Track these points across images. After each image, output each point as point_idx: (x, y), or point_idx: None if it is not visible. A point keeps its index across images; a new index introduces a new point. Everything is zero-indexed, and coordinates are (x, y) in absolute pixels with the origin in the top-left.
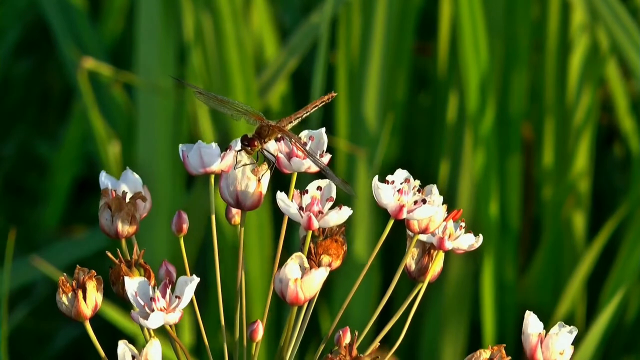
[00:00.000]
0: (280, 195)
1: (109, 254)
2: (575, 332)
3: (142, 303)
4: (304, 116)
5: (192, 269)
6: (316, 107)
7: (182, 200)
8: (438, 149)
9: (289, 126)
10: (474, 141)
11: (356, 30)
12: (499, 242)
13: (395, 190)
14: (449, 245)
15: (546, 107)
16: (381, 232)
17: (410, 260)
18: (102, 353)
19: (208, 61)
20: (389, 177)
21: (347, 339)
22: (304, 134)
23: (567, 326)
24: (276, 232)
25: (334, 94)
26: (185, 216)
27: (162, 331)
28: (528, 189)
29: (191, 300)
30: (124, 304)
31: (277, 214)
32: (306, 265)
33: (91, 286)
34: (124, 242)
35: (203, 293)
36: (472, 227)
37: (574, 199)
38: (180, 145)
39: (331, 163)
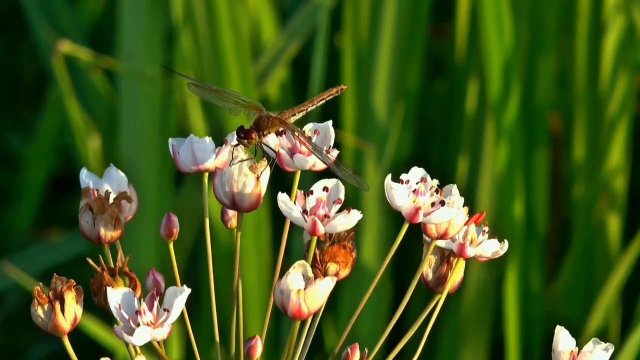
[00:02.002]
0: (282, 197)
1: (90, 261)
2: (611, 350)
3: (127, 316)
4: (308, 109)
5: (182, 278)
6: (323, 101)
7: (171, 201)
8: (456, 143)
9: (292, 119)
10: (496, 134)
11: (364, 11)
12: (524, 246)
13: (411, 191)
14: (470, 252)
15: (576, 96)
16: (392, 237)
17: (427, 268)
18: None
19: (199, 45)
20: (404, 176)
21: (355, 356)
22: (308, 127)
23: (602, 343)
24: (276, 236)
25: (344, 87)
26: (175, 219)
27: (149, 348)
28: (556, 188)
29: (181, 313)
30: (107, 317)
31: (277, 217)
32: (310, 274)
33: (70, 297)
34: (107, 247)
35: (195, 305)
36: (494, 231)
37: (607, 199)
38: (170, 140)
39: (338, 159)
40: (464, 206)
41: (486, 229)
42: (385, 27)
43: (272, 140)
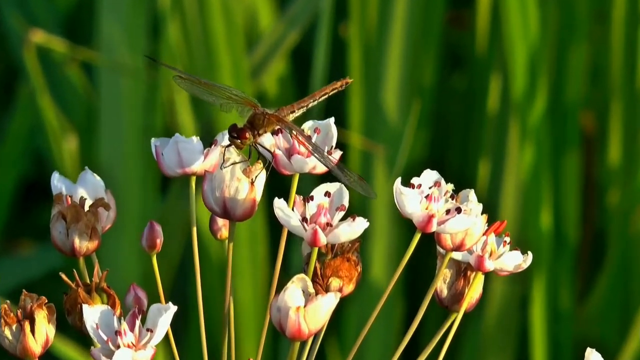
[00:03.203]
0: (279, 203)
1: (63, 276)
2: None
3: (105, 337)
4: (309, 106)
5: (167, 294)
6: (326, 96)
7: (154, 209)
8: (476, 144)
9: (291, 117)
10: (521, 134)
11: None
12: (552, 260)
13: (423, 197)
14: (489, 265)
15: (611, 92)
16: (403, 248)
17: (441, 284)
18: None
19: (188, 35)
20: (415, 180)
21: None
22: (307, 125)
23: None
24: (272, 248)
25: (349, 80)
26: (158, 228)
27: None
28: (588, 194)
29: (166, 334)
30: (82, 339)
31: (274, 226)
32: (311, 290)
33: (41, 316)
34: (82, 260)
35: (181, 324)
36: (519, 242)
37: None
38: (153, 140)
39: (342, 162)
40: (483, 214)
41: (507, 239)
42: (396, 14)
43: (267, 140)
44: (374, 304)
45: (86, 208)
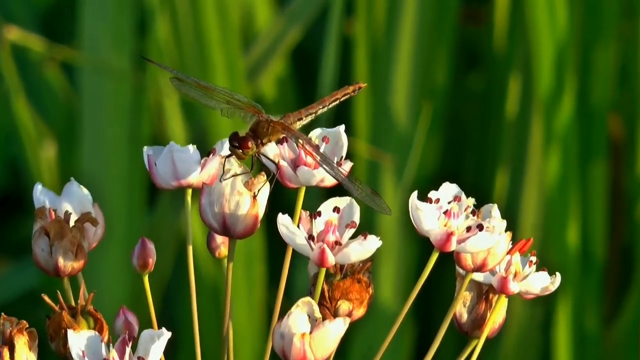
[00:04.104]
0: (283, 220)
1: (46, 298)
2: None
3: None
4: (318, 112)
5: (160, 318)
6: (337, 102)
7: (145, 224)
8: (493, 151)
9: (298, 124)
10: (545, 141)
11: None
12: (579, 279)
13: (441, 212)
14: (514, 287)
15: None
16: (418, 269)
17: (461, 307)
18: None
19: (178, 32)
20: (433, 194)
21: None
22: (315, 134)
23: None
24: (274, 268)
25: (362, 85)
26: (151, 246)
27: None
28: (616, 207)
29: None
30: None
31: (272, 244)
32: (318, 314)
33: (21, 342)
34: (66, 280)
35: (173, 352)
36: (542, 260)
37: None
38: (146, 149)
39: (352, 175)
40: (506, 231)
41: (533, 259)
42: (406, 9)
43: (271, 150)
44: (382, 330)
45: (71, 223)
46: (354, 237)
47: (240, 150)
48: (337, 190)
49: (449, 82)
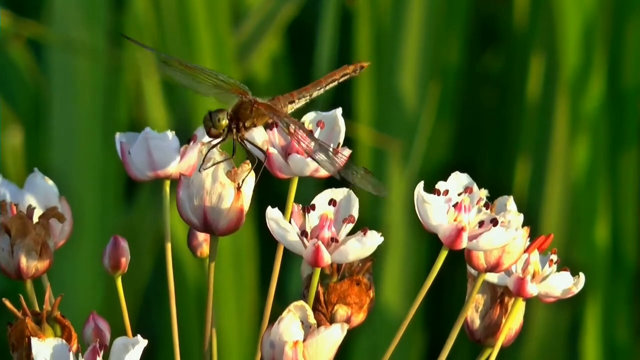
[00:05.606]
0: (273, 214)
1: (7, 303)
2: None
3: None
4: (313, 95)
5: (135, 325)
6: (335, 83)
7: (119, 221)
8: (513, 139)
9: (290, 108)
10: (572, 127)
11: None
12: (608, 282)
13: (451, 205)
14: (533, 289)
15: None
16: (422, 266)
17: (472, 312)
18: None
19: (159, 6)
20: (441, 185)
21: None
22: (309, 118)
23: None
24: (264, 268)
25: (365, 64)
26: (124, 245)
27: None
28: None
29: None
30: None
31: (264, 241)
32: (312, 320)
33: None
34: (29, 283)
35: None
36: (566, 261)
37: None
38: (118, 135)
39: (350, 162)
40: (523, 226)
41: (554, 257)
42: None
43: (259, 136)
44: (386, 337)
45: (35, 219)
46: (352, 233)
47: (211, 123)
48: (333, 181)
49: (463, 61)
